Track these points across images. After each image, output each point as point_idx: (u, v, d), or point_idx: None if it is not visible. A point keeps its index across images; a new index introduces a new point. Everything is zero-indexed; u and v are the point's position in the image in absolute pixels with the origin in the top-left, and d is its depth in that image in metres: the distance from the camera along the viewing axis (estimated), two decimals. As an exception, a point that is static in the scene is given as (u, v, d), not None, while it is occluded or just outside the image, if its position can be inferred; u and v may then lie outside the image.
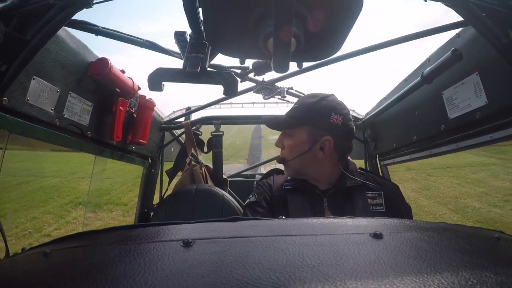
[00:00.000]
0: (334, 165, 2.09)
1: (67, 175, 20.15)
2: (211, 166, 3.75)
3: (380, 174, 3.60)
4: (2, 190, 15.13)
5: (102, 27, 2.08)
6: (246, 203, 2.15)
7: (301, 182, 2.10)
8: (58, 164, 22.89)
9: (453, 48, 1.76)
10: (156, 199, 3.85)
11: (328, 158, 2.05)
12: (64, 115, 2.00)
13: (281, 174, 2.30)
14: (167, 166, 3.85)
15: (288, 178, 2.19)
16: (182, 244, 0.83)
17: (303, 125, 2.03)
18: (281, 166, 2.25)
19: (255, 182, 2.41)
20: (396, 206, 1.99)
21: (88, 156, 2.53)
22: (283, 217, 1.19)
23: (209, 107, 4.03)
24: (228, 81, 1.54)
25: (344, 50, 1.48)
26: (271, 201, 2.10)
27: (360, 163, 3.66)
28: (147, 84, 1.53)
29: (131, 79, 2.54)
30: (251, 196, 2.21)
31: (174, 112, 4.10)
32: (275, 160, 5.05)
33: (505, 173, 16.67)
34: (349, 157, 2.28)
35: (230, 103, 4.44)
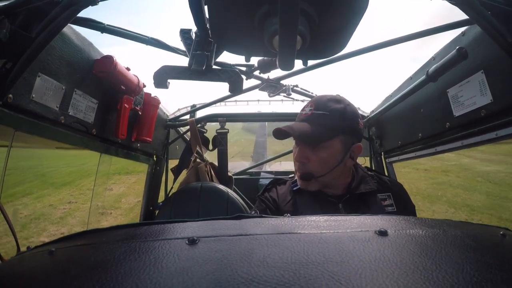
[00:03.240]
0: (351, 169, 2.08)
1: (78, 165, 22.29)
2: (216, 164, 3.75)
3: (385, 171, 3.60)
4: (41, 175, 19.26)
5: (107, 25, 2.09)
6: None
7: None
8: (57, 160, 24.02)
9: (458, 47, 1.76)
10: (161, 197, 3.85)
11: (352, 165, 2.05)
12: (69, 112, 2.00)
13: (283, 184, 2.24)
14: (172, 163, 3.86)
15: (294, 179, 2.15)
16: (187, 242, 0.84)
17: (338, 134, 1.90)
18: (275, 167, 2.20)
19: (258, 194, 2.34)
20: (403, 204, 2.00)
21: (83, 150, 2.54)
22: (288, 214, 1.19)
23: (214, 105, 4.03)
24: (233, 79, 1.54)
25: (350, 48, 1.48)
26: (279, 214, 1.96)
27: (363, 160, 3.65)
28: (152, 81, 1.53)
29: (136, 76, 2.54)
30: (252, 211, 2.17)
31: (179, 109, 4.10)
32: (280, 159, 5.04)
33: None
34: None
35: (235, 101, 4.44)
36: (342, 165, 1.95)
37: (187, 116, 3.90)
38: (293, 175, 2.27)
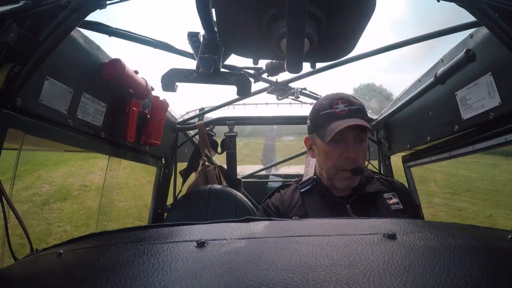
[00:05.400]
0: None
1: (44, 160, 22.43)
2: (225, 167, 3.75)
3: (392, 174, 3.58)
4: (25, 163, 18.07)
5: (115, 28, 2.08)
6: None
7: (319, 185, 2.06)
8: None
9: (466, 49, 1.75)
10: (169, 200, 3.86)
11: None
12: (77, 115, 2.01)
13: (287, 188, 2.23)
14: (181, 166, 3.86)
15: (303, 181, 2.15)
16: (196, 244, 0.84)
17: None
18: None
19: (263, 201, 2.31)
20: (408, 202, 2.01)
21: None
22: (297, 217, 1.19)
23: (222, 108, 4.03)
24: (241, 82, 1.54)
25: (358, 50, 1.47)
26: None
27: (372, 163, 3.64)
28: (160, 84, 1.53)
29: (144, 79, 2.55)
30: None
31: (187, 112, 4.10)
32: (288, 162, 5.02)
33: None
34: None
35: (244, 104, 4.44)
36: None
37: (196, 119, 3.89)
38: (297, 178, 2.27)
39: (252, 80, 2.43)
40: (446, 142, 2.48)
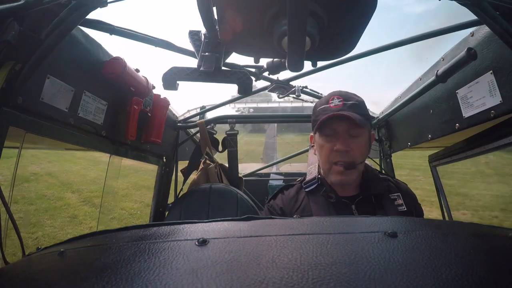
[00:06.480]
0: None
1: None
2: (226, 165, 3.75)
3: (393, 173, 3.59)
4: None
5: (116, 26, 2.08)
6: None
7: (323, 185, 2.04)
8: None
9: (467, 47, 1.74)
10: (170, 199, 3.85)
11: None
12: (78, 114, 2.01)
13: (290, 188, 2.22)
14: (182, 165, 3.85)
15: (307, 180, 2.14)
16: (197, 243, 0.84)
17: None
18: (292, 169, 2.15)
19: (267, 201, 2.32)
20: (412, 203, 2.01)
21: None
22: (298, 215, 1.19)
23: (223, 106, 4.02)
24: (242, 80, 1.54)
25: (359, 48, 1.47)
26: None
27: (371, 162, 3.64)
28: (162, 83, 1.53)
29: (145, 78, 2.55)
30: None
31: (188, 111, 4.10)
32: (289, 160, 5.02)
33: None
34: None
35: (245, 102, 4.43)
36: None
37: (197, 118, 3.89)
38: (301, 178, 2.26)
39: (253, 78, 2.43)
40: (474, 138, 2.46)
